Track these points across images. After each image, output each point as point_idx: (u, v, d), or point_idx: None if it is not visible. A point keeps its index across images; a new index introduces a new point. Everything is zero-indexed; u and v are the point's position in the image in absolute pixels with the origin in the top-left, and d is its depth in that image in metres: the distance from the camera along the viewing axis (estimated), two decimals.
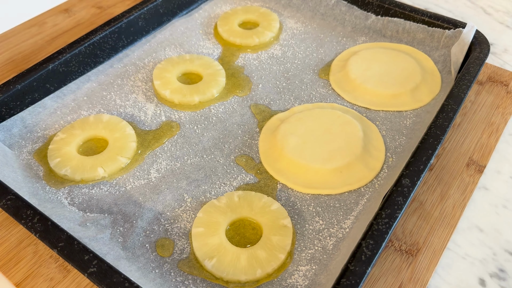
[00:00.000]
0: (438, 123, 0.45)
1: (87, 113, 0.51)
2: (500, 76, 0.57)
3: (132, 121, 0.50)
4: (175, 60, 0.56)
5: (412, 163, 0.41)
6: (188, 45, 0.59)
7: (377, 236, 0.36)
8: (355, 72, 0.54)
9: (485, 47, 0.53)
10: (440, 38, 0.56)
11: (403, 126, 0.49)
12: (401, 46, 0.58)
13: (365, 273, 0.34)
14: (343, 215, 0.42)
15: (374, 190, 0.44)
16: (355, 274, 0.34)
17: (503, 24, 0.67)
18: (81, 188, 0.44)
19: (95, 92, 0.53)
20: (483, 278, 0.40)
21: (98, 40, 0.54)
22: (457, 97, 0.47)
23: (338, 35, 0.61)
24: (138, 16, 0.57)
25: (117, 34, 0.56)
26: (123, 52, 0.57)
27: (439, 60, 0.56)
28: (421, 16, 0.57)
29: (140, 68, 0.56)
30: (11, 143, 0.47)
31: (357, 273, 0.34)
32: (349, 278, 0.34)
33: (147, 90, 0.54)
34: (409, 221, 0.43)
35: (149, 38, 0.59)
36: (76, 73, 0.53)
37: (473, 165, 0.47)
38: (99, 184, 0.44)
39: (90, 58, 0.54)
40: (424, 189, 0.45)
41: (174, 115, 0.51)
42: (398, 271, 0.39)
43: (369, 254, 0.35)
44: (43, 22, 0.60)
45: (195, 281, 0.37)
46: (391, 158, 0.46)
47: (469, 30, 0.54)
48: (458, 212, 0.43)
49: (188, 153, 0.47)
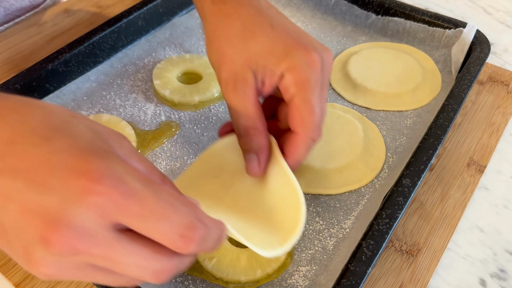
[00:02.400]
0: (439, 123, 0.44)
1: (87, 113, 0.51)
2: (501, 76, 0.57)
3: (131, 121, 0.50)
4: (175, 60, 0.56)
5: (412, 163, 0.41)
6: (188, 44, 0.59)
7: (378, 236, 0.36)
8: (355, 71, 0.54)
9: (485, 47, 0.52)
10: (440, 37, 0.56)
11: (404, 126, 0.49)
12: (402, 45, 0.58)
13: (366, 274, 0.34)
14: (343, 215, 0.42)
15: (374, 190, 0.43)
16: (356, 275, 0.34)
17: (503, 24, 0.67)
18: None
19: (94, 92, 0.53)
20: (483, 278, 0.40)
21: (98, 40, 0.54)
22: (458, 97, 0.47)
23: (339, 35, 0.60)
24: (138, 15, 0.57)
25: (117, 34, 0.56)
26: (123, 52, 0.57)
27: (439, 59, 0.56)
28: (421, 16, 0.57)
29: (140, 68, 0.56)
30: None
31: (357, 274, 0.34)
32: (349, 278, 0.34)
33: (146, 89, 0.54)
34: (410, 221, 0.43)
35: (149, 38, 0.59)
36: (75, 73, 0.53)
37: (473, 165, 0.47)
38: None
39: (90, 58, 0.54)
40: (424, 189, 0.45)
41: (173, 115, 0.51)
42: (399, 272, 0.39)
43: (369, 255, 0.35)
44: (43, 22, 0.59)
45: (194, 282, 0.37)
46: (391, 158, 0.46)
47: (470, 30, 0.54)
48: (459, 212, 0.43)
49: (188, 153, 0.47)
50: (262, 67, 0.35)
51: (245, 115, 0.36)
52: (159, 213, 0.23)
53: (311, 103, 0.34)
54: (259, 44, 0.35)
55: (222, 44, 0.36)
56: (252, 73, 0.35)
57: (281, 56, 0.35)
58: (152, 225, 0.23)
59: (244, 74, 0.35)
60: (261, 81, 0.36)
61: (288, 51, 0.35)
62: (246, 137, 0.36)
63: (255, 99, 0.36)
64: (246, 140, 0.36)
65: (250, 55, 0.35)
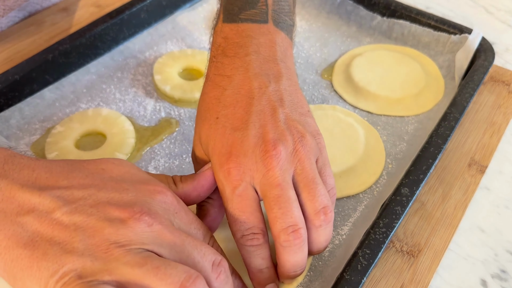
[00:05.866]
0: (440, 131, 0.44)
1: (86, 106, 0.50)
2: (502, 76, 0.56)
3: (131, 116, 0.50)
4: (176, 55, 0.55)
5: (411, 171, 0.41)
6: (190, 39, 0.58)
7: (374, 245, 0.36)
8: (358, 74, 0.53)
9: (490, 55, 0.52)
10: (445, 43, 0.56)
11: (405, 132, 0.49)
12: (406, 49, 0.57)
13: (361, 283, 0.34)
14: (340, 221, 0.41)
15: (372, 197, 0.43)
16: (350, 284, 0.34)
17: (505, 24, 0.67)
18: None
19: (94, 84, 0.52)
20: (484, 279, 0.40)
21: (99, 32, 0.53)
22: (460, 106, 0.47)
23: (343, 35, 0.60)
24: (140, 8, 0.56)
25: (119, 26, 0.55)
26: (124, 45, 0.56)
27: (443, 65, 0.56)
28: (427, 20, 0.56)
29: (141, 61, 0.55)
30: (9, 134, 0.47)
31: (352, 283, 0.34)
32: (344, 287, 0.34)
33: (147, 84, 0.53)
34: (411, 222, 0.42)
35: (151, 31, 0.58)
36: (76, 64, 0.52)
37: (474, 165, 0.47)
38: None
39: (91, 50, 0.53)
40: (425, 190, 0.45)
41: (174, 111, 0.50)
42: (400, 272, 0.39)
43: (365, 264, 0.35)
44: (42, 21, 0.59)
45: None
46: (391, 164, 0.46)
47: (475, 36, 0.53)
48: (460, 213, 0.43)
49: (186, 151, 0.47)
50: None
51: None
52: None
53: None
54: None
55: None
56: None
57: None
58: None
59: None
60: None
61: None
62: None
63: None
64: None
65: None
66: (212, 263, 0.28)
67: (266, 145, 0.32)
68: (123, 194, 0.29)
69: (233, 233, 0.33)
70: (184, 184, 0.34)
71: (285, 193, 0.32)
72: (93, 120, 0.48)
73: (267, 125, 0.34)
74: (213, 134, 0.34)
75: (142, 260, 0.26)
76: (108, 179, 0.30)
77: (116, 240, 0.27)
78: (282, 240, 0.31)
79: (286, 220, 0.31)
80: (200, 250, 0.28)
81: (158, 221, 0.28)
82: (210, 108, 0.36)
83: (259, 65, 0.37)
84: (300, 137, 0.34)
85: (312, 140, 0.34)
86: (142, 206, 0.28)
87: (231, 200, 0.32)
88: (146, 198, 0.29)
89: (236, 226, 0.33)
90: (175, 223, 0.30)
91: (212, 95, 0.36)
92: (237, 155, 0.32)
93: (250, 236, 0.32)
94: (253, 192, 0.33)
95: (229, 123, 0.34)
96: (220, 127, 0.34)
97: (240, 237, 0.33)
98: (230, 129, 0.34)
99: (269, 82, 0.36)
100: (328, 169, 0.35)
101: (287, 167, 0.33)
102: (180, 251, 0.28)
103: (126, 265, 0.26)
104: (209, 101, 0.36)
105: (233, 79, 0.36)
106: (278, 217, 0.31)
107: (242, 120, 0.34)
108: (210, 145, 0.34)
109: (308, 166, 0.33)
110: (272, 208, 0.32)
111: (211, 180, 0.34)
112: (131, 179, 0.31)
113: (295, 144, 0.33)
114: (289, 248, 0.32)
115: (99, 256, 0.26)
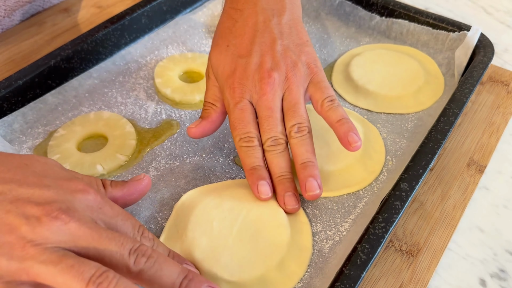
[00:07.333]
0: (439, 127, 0.44)
1: (88, 110, 0.51)
2: (501, 76, 0.56)
3: (132, 118, 0.50)
4: (177, 58, 0.56)
5: (411, 167, 0.41)
6: (191, 43, 0.59)
7: (373, 240, 0.36)
8: (357, 73, 0.53)
9: (489, 51, 0.52)
10: (444, 40, 0.56)
11: (404, 129, 0.49)
12: (405, 48, 0.58)
13: (360, 277, 0.34)
14: (340, 218, 0.41)
15: (372, 194, 0.43)
16: (350, 278, 0.34)
17: (503, 24, 0.67)
18: None
19: (96, 89, 0.53)
20: (483, 279, 0.40)
21: (101, 37, 0.54)
22: (459, 101, 0.47)
23: (342, 36, 0.60)
24: (141, 13, 0.57)
25: (120, 32, 0.56)
26: (126, 50, 0.57)
27: (442, 62, 0.56)
28: (425, 18, 0.57)
29: (142, 65, 0.56)
30: (12, 139, 0.47)
31: (352, 277, 0.34)
32: (344, 282, 0.34)
33: (148, 88, 0.54)
34: (410, 222, 0.42)
35: (152, 36, 0.59)
36: (78, 69, 0.53)
37: (473, 165, 0.47)
38: None
39: (93, 55, 0.54)
40: (424, 189, 0.45)
41: (174, 113, 0.51)
42: (399, 272, 0.39)
43: (364, 258, 0.35)
44: (43, 22, 0.60)
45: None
46: (391, 161, 0.46)
47: (474, 33, 0.53)
48: (459, 212, 0.43)
49: (187, 152, 0.47)
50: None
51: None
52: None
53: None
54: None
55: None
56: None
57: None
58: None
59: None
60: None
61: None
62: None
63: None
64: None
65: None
66: (129, 251, 0.29)
67: (263, 72, 0.41)
68: (43, 191, 0.29)
69: (234, 138, 0.41)
70: (114, 189, 0.35)
71: (273, 114, 0.40)
72: (95, 123, 0.48)
73: (266, 55, 0.41)
74: (223, 59, 0.42)
75: (57, 259, 0.26)
76: (30, 174, 0.30)
77: (33, 238, 0.27)
78: (267, 145, 0.40)
79: (271, 134, 0.40)
80: (118, 241, 0.29)
81: (75, 218, 0.28)
82: (223, 36, 0.43)
83: (267, 1, 0.43)
84: (293, 67, 0.41)
85: (303, 69, 0.42)
86: (61, 203, 0.29)
87: (233, 112, 0.41)
88: (67, 195, 0.30)
89: (236, 131, 0.40)
90: (99, 218, 0.30)
91: (226, 26, 0.44)
92: (241, 77, 0.41)
93: (246, 139, 0.40)
94: (250, 107, 0.41)
95: (236, 51, 0.42)
96: (230, 54, 0.42)
97: (239, 140, 0.40)
98: (237, 56, 0.42)
99: (273, 16, 0.43)
100: (323, 84, 0.42)
101: (279, 92, 0.41)
102: (97, 245, 0.28)
103: (41, 264, 0.26)
104: (222, 30, 0.44)
105: (243, 13, 0.43)
106: (266, 131, 0.40)
107: (247, 49, 0.42)
108: (220, 68, 0.42)
109: (295, 92, 0.41)
110: (263, 124, 0.40)
111: (141, 190, 0.37)
112: (54, 176, 0.31)
113: (287, 73, 0.41)
114: (272, 152, 0.40)
115: (15, 254, 0.26)
